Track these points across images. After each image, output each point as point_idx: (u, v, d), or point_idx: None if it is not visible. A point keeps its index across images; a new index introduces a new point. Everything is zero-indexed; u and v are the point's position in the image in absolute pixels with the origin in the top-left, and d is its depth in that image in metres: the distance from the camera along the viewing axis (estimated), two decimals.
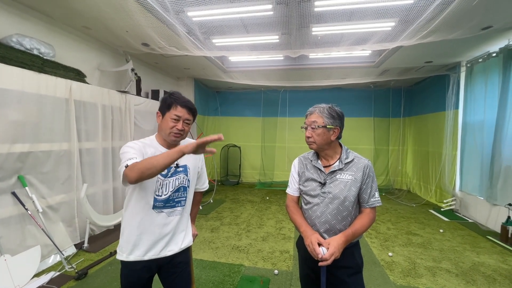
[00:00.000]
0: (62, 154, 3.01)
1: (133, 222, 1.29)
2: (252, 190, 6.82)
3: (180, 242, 1.39)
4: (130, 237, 1.29)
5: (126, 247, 1.30)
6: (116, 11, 2.93)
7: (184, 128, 1.31)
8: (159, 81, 5.80)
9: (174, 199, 1.34)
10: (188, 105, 1.31)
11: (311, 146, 1.36)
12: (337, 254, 1.16)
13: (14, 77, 2.49)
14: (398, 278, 2.66)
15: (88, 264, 2.82)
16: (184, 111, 1.29)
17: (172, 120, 1.28)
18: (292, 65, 5.22)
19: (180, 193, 1.36)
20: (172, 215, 1.34)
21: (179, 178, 1.34)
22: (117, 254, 1.33)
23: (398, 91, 7.06)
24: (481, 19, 2.96)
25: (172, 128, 1.28)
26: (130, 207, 1.31)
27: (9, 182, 2.50)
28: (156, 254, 1.31)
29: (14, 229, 2.53)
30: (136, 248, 1.29)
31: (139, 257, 1.29)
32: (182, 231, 1.41)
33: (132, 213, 1.30)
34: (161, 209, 1.31)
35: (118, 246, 1.34)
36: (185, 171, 1.38)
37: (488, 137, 4.12)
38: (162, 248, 1.32)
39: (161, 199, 1.30)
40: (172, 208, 1.34)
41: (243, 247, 3.36)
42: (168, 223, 1.33)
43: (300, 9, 2.95)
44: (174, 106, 1.28)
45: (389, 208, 5.25)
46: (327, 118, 1.30)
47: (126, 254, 1.29)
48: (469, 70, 4.66)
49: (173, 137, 1.30)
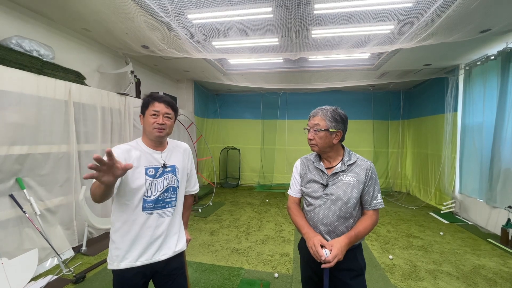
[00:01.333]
0: (61, 156, 2.99)
1: (123, 227, 1.27)
2: (251, 193, 6.79)
3: (174, 246, 1.36)
4: (121, 243, 1.26)
5: (116, 254, 1.26)
6: (116, 14, 2.93)
7: (165, 122, 1.31)
8: (159, 84, 5.80)
9: (164, 200, 1.32)
10: (165, 99, 1.33)
11: (313, 149, 1.36)
12: (340, 256, 1.15)
13: (13, 79, 2.48)
14: (399, 281, 2.64)
15: (86, 267, 2.79)
16: (162, 105, 1.31)
17: (151, 116, 1.30)
18: (292, 68, 5.24)
19: (170, 193, 1.35)
20: (163, 216, 1.32)
21: (167, 178, 1.34)
22: (108, 264, 1.29)
23: (397, 94, 7.09)
24: (479, 22, 2.98)
25: (153, 124, 1.29)
26: (118, 211, 1.28)
27: (7, 184, 2.48)
28: (149, 259, 1.28)
29: (12, 232, 2.50)
30: (128, 254, 1.26)
31: (131, 263, 1.26)
32: (175, 234, 1.38)
33: (120, 217, 1.27)
34: (151, 210, 1.29)
35: (108, 256, 1.31)
36: (174, 171, 1.37)
37: (487, 140, 4.13)
38: (154, 252, 1.30)
39: (150, 200, 1.28)
40: (162, 209, 1.32)
41: (242, 250, 3.34)
42: (159, 225, 1.31)
43: (299, 11, 2.96)
44: (152, 103, 1.31)
45: (389, 210, 5.24)
46: (330, 122, 1.30)
47: (117, 262, 1.26)
48: (467, 73, 4.68)
49: (156, 133, 1.30)
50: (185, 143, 1.55)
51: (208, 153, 7.18)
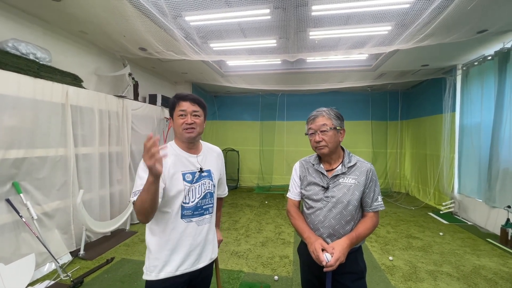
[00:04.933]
0: (58, 159, 2.96)
1: (162, 236, 1.20)
2: (250, 195, 6.77)
3: (210, 253, 1.33)
4: (160, 253, 1.20)
5: (155, 264, 1.19)
6: (113, 16, 2.92)
7: (195, 121, 1.26)
8: (157, 86, 5.78)
9: (202, 206, 1.28)
10: (190, 97, 1.28)
11: (323, 151, 1.29)
12: (342, 258, 1.14)
13: (9, 82, 2.46)
14: (399, 283, 2.63)
15: (84, 272, 2.76)
16: (187, 103, 1.26)
17: (179, 117, 1.25)
18: (290, 69, 5.24)
19: (207, 199, 1.30)
20: (202, 223, 1.28)
21: (204, 184, 1.29)
22: (144, 274, 1.23)
23: (395, 94, 7.11)
24: (476, 22, 2.99)
25: (182, 125, 1.24)
26: (156, 220, 1.21)
27: (3, 188, 2.45)
28: (189, 268, 1.24)
29: (8, 237, 2.48)
30: (168, 264, 1.20)
31: (171, 273, 1.20)
32: (212, 241, 1.35)
33: (158, 226, 1.21)
34: (190, 217, 1.24)
35: (146, 266, 1.24)
36: (210, 176, 1.32)
37: (485, 140, 4.14)
38: (194, 260, 1.25)
39: (189, 206, 1.23)
40: (201, 216, 1.27)
41: (242, 252, 3.32)
42: (199, 232, 1.26)
43: (297, 13, 2.96)
44: (177, 104, 1.27)
45: (388, 211, 5.24)
46: (335, 120, 1.29)
47: (155, 273, 1.19)
48: (465, 73, 4.70)
49: (186, 134, 1.25)
50: (217, 146, 1.50)
51: None
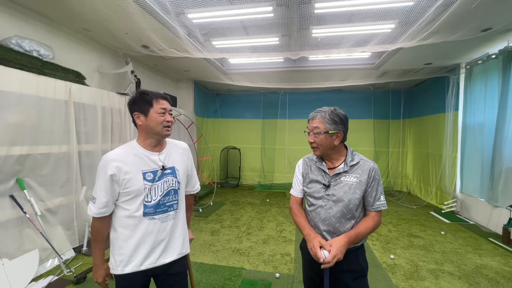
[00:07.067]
0: (61, 156, 2.98)
1: (124, 232, 1.24)
2: (252, 193, 6.79)
3: (178, 249, 1.34)
4: (124, 249, 1.23)
5: (121, 259, 1.24)
6: (116, 13, 2.92)
7: (171, 120, 1.30)
8: (159, 83, 5.79)
9: (165, 203, 1.29)
10: (166, 97, 1.31)
11: (315, 152, 1.35)
12: (340, 255, 1.14)
13: (13, 79, 2.47)
14: (401, 281, 2.64)
15: (87, 267, 2.78)
16: (166, 102, 1.28)
17: (159, 114, 1.25)
18: (292, 67, 5.22)
19: (171, 196, 1.31)
20: (165, 220, 1.29)
21: (167, 181, 1.29)
22: (111, 269, 1.28)
23: (398, 93, 7.07)
24: (481, 21, 2.96)
25: (163, 122, 1.25)
26: (118, 217, 1.25)
27: (7, 185, 2.47)
28: (153, 263, 1.27)
29: (12, 232, 2.50)
30: (132, 259, 1.24)
31: (136, 267, 1.24)
32: (179, 236, 1.36)
33: (122, 224, 1.24)
34: (153, 215, 1.25)
35: (111, 261, 1.28)
36: (174, 173, 1.32)
37: (488, 139, 4.12)
38: (158, 256, 1.28)
39: (151, 204, 1.24)
40: (165, 213, 1.29)
41: (243, 250, 3.33)
42: (163, 229, 1.28)
43: (300, 11, 2.95)
44: (156, 101, 1.25)
45: (390, 210, 5.23)
46: (329, 124, 1.27)
47: (121, 267, 1.24)
48: (468, 72, 4.67)
49: (166, 131, 1.27)
50: (184, 142, 1.50)
51: (209, 153, 7.18)
